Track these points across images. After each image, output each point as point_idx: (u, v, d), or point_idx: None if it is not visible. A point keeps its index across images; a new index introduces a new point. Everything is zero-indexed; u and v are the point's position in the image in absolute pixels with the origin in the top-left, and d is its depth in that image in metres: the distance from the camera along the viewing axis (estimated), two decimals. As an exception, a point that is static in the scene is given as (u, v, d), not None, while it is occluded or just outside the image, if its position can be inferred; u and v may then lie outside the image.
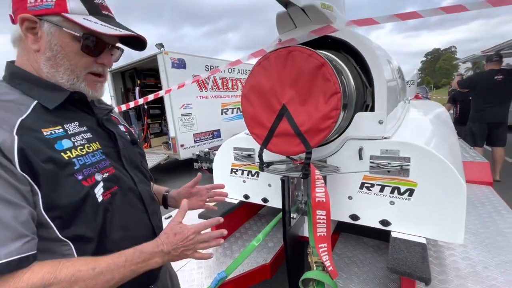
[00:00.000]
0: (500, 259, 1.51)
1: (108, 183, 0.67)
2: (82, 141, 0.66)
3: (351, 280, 1.46)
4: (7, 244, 0.49)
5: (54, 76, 0.65)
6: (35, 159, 0.55)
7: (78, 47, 0.65)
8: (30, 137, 0.57)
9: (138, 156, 0.84)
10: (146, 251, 0.64)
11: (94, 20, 0.64)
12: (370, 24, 1.36)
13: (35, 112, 0.61)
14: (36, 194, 0.56)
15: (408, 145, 1.31)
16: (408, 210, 1.35)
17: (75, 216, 0.61)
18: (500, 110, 3.86)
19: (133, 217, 0.74)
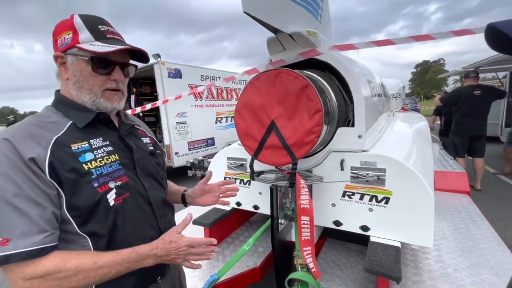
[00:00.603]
0: (469, 262, 1.66)
1: (121, 189, 0.79)
2: (103, 153, 0.79)
3: (333, 282, 1.58)
4: (32, 236, 0.62)
5: (80, 96, 0.79)
6: (61, 170, 0.69)
7: (90, 68, 0.77)
8: (60, 151, 0.71)
9: (155, 165, 0.95)
10: (141, 253, 0.75)
11: (97, 44, 0.76)
12: (350, 49, 1.53)
13: (69, 130, 0.76)
14: (61, 197, 0.69)
15: (383, 158, 1.46)
16: (384, 217, 1.49)
17: (90, 216, 0.73)
18: (479, 123, 4.11)
19: (142, 219, 0.85)
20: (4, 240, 0.60)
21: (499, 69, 7.21)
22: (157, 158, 1.00)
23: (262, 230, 1.69)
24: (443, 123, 5.66)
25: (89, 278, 0.68)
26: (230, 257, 1.88)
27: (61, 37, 0.76)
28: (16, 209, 0.62)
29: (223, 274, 1.50)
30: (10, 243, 0.61)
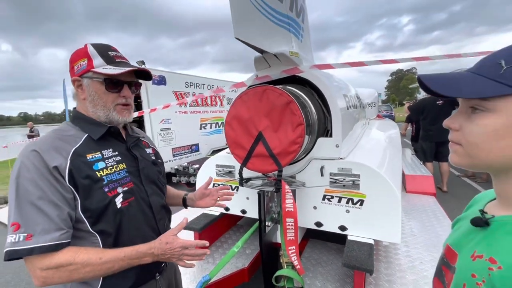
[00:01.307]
0: (433, 256, 1.88)
1: (127, 194, 0.90)
2: (112, 162, 0.90)
3: (316, 278, 1.73)
4: (51, 233, 0.74)
5: (96, 112, 0.91)
6: (77, 176, 0.80)
7: (104, 88, 0.89)
8: (78, 161, 0.82)
9: (156, 173, 1.06)
10: (141, 251, 0.84)
11: (109, 67, 0.88)
12: (328, 68, 1.72)
13: (85, 142, 0.88)
14: (77, 200, 0.80)
15: (358, 164, 1.65)
16: (360, 217, 1.67)
17: (101, 217, 0.84)
18: (443, 130, 4.50)
19: (143, 220, 0.95)
20: (29, 235, 0.72)
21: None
22: (158, 167, 1.11)
23: (250, 233, 1.82)
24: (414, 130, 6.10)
25: (95, 271, 0.78)
26: (220, 259, 1.98)
27: (78, 63, 0.88)
28: (39, 210, 0.73)
29: (215, 275, 1.61)
30: (33, 238, 0.72)
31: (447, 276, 0.56)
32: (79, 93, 0.91)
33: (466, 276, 0.47)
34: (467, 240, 0.54)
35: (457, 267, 0.53)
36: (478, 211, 0.54)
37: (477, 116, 0.47)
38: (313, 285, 1.67)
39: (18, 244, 0.71)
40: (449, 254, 0.58)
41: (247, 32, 1.32)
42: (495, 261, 0.43)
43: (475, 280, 0.45)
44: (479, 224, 0.51)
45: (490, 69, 0.46)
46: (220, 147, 7.24)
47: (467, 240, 0.54)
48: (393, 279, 1.66)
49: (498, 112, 0.44)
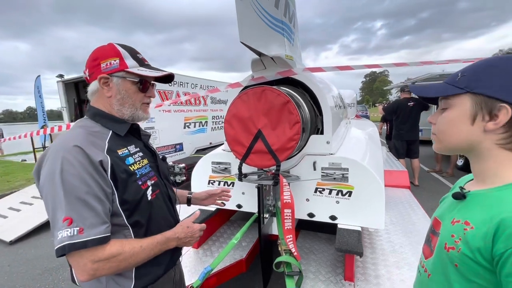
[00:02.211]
0: (410, 240, 2.11)
1: (154, 187, 0.97)
2: (138, 158, 0.95)
3: (310, 264, 1.88)
4: (98, 227, 0.77)
5: (121, 110, 0.94)
6: (117, 171, 0.85)
7: (136, 88, 0.95)
8: (113, 156, 0.86)
9: (167, 169, 1.15)
10: (168, 237, 0.94)
11: (143, 69, 0.94)
12: (319, 71, 1.87)
13: (112, 139, 0.91)
14: (114, 194, 0.84)
15: (347, 159, 1.81)
16: (348, 207, 1.83)
17: (136, 209, 0.89)
18: (413, 130, 4.96)
19: (167, 211, 1.04)
20: (80, 229, 0.74)
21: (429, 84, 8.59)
22: (167, 164, 1.20)
23: (248, 225, 1.92)
24: (388, 129, 6.53)
25: (137, 259, 0.84)
26: (217, 252, 2.07)
27: (107, 62, 0.90)
28: (86, 204, 0.76)
29: (216, 266, 1.69)
30: (84, 232, 0.74)
31: (433, 241, 0.70)
32: (104, 91, 0.92)
33: (447, 237, 0.62)
34: (449, 211, 0.69)
35: (440, 232, 0.68)
36: (458, 187, 0.70)
37: (444, 111, 0.65)
38: (307, 270, 1.81)
39: (74, 238, 0.72)
40: (435, 223, 0.73)
41: (250, 37, 1.43)
42: (469, 223, 0.58)
43: (454, 239, 0.59)
44: (458, 197, 0.66)
45: (452, 78, 0.64)
46: (204, 147, 7.23)
47: (449, 211, 0.69)
48: (377, 262, 1.85)
49: (454, 106, 0.61)
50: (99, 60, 0.91)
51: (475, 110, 0.58)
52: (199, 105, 7.24)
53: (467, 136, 0.60)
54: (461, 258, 0.57)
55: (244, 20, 1.35)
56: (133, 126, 0.99)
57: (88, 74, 0.93)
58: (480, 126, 0.58)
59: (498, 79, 0.55)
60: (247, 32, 1.40)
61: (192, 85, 6.98)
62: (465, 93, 0.59)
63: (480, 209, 0.58)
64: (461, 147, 0.63)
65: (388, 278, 1.68)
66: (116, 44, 0.94)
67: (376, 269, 1.78)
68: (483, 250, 0.53)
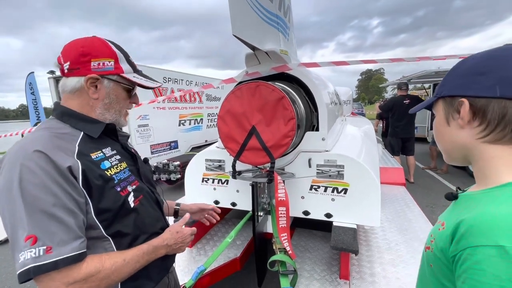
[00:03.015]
0: (406, 238, 2.10)
1: (136, 192, 0.88)
2: (115, 161, 0.86)
3: (305, 263, 1.85)
4: (70, 243, 0.67)
5: (103, 114, 0.86)
6: (91, 177, 0.75)
7: (126, 95, 0.90)
8: (85, 160, 0.76)
9: (149, 172, 1.06)
10: (156, 245, 0.87)
11: (137, 76, 0.90)
12: (314, 66, 1.83)
13: (83, 141, 0.81)
14: (88, 204, 0.74)
15: (342, 156, 1.78)
16: (344, 205, 1.81)
17: (115, 218, 0.80)
18: (408, 127, 4.97)
19: (154, 216, 0.97)
20: (48, 247, 0.63)
21: (425, 81, 8.64)
22: (149, 166, 1.11)
23: (243, 223, 1.88)
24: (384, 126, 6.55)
25: (122, 274, 0.76)
26: (211, 251, 2.04)
27: (99, 61, 0.82)
28: (54, 218, 0.66)
29: (209, 265, 1.66)
30: (53, 250, 0.64)
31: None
32: (90, 91, 0.83)
33: (429, 237, 0.61)
34: (445, 212, 0.67)
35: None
36: (456, 187, 0.68)
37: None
38: (302, 269, 1.78)
39: (40, 259, 0.62)
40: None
41: (243, 30, 1.38)
42: (444, 224, 0.56)
43: (430, 239, 0.59)
44: (449, 198, 0.64)
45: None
46: (200, 144, 7.17)
47: (446, 212, 0.67)
48: (373, 259, 1.84)
49: (436, 113, 0.65)
50: (90, 56, 0.81)
51: (446, 111, 0.61)
52: (194, 102, 7.17)
53: (449, 138, 0.61)
54: (433, 259, 0.56)
55: (236, 12, 1.30)
56: (108, 126, 0.88)
57: (69, 67, 0.81)
58: (455, 125, 0.59)
59: (458, 78, 0.57)
60: (239, 25, 1.35)
61: (187, 82, 6.91)
62: (438, 99, 0.63)
63: (460, 210, 0.56)
64: (455, 152, 0.63)
65: (383, 276, 1.67)
66: (109, 42, 0.86)
67: (372, 267, 1.76)
68: (445, 251, 0.51)
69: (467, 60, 0.58)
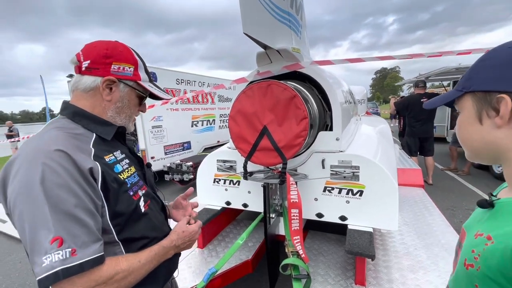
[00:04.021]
0: (425, 242, 2.00)
1: (145, 197, 0.88)
2: (125, 165, 0.84)
3: (318, 267, 1.80)
4: (91, 245, 0.65)
5: (114, 118, 0.86)
6: (108, 180, 0.74)
7: (138, 102, 0.92)
8: (102, 163, 0.74)
9: (152, 177, 1.04)
10: (166, 246, 0.86)
11: (153, 87, 0.93)
12: (327, 64, 1.77)
13: (96, 143, 0.79)
14: (104, 207, 0.73)
15: (357, 157, 1.72)
16: (359, 207, 1.74)
17: (127, 223, 0.79)
18: (427, 126, 4.77)
19: (161, 220, 0.96)
20: (73, 250, 0.62)
21: (444, 78, 8.29)
22: (151, 171, 1.09)
23: (254, 225, 1.86)
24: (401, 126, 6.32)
25: (137, 275, 0.75)
26: (222, 252, 2.02)
27: (121, 65, 0.83)
28: (76, 220, 0.64)
29: (220, 267, 1.64)
30: (77, 253, 0.62)
31: (458, 255, 0.61)
32: (104, 93, 0.82)
33: (468, 252, 0.53)
34: (475, 222, 0.60)
35: (464, 244, 0.59)
36: (488, 194, 0.61)
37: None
38: (316, 273, 1.73)
39: (68, 261, 0.61)
40: (461, 235, 0.64)
41: (254, 28, 1.35)
42: (491, 237, 0.48)
43: (473, 255, 0.50)
44: (484, 206, 0.57)
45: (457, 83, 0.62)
46: (212, 145, 7.22)
47: (475, 221, 0.60)
48: (390, 265, 1.76)
49: (461, 110, 0.59)
50: (113, 59, 0.82)
51: (477, 108, 0.54)
52: (207, 103, 7.23)
53: (481, 138, 0.55)
54: (480, 278, 0.48)
55: (247, 10, 1.27)
56: (119, 129, 0.88)
57: (88, 65, 0.80)
58: (489, 124, 0.52)
59: (493, 70, 0.51)
60: (250, 23, 1.33)
61: (200, 83, 6.97)
62: (464, 94, 0.57)
63: (506, 220, 0.49)
64: (484, 152, 0.57)
65: (402, 283, 1.59)
66: (133, 50, 0.89)
67: (389, 273, 1.68)
68: (504, 269, 0.43)
69: (503, 50, 0.51)
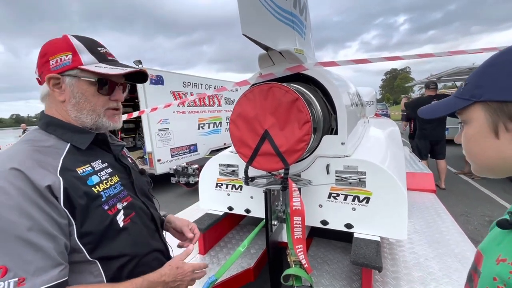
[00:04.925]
0: (437, 252, 1.89)
1: (127, 210, 0.81)
2: (105, 175, 0.79)
3: (322, 276, 1.72)
4: (48, 271, 0.60)
5: (80, 117, 0.78)
6: (74, 196, 0.68)
7: (95, 89, 0.77)
8: (70, 176, 0.70)
9: (146, 184, 0.98)
10: (152, 280, 0.77)
11: (103, 66, 0.77)
12: (332, 65, 1.71)
13: (69, 154, 0.74)
14: (72, 225, 0.68)
15: (364, 162, 1.64)
16: (366, 215, 1.66)
17: (101, 240, 0.73)
18: (438, 129, 4.61)
19: (148, 235, 0.88)
20: (20, 279, 0.57)
21: (457, 79, 8.03)
22: (146, 177, 1.03)
23: (256, 232, 1.80)
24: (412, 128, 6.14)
25: None
26: (224, 259, 1.97)
27: (56, 58, 0.74)
28: (29, 244, 0.59)
29: (221, 275, 1.59)
30: (26, 282, 0.57)
31: (475, 281, 0.54)
32: (55, 94, 0.76)
33: (489, 279, 0.46)
34: (494, 244, 0.52)
35: (482, 270, 0.51)
36: (507, 213, 0.53)
37: (463, 129, 0.57)
38: (320, 283, 1.66)
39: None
40: (477, 258, 0.56)
41: (254, 28, 1.31)
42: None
43: (496, 283, 0.44)
44: (505, 226, 0.49)
45: (458, 89, 0.56)
46: (218, 147, 7.20)
47: (494, 243, 0.52)
48: (399, 276, 1.66)
49: (469, 122, 0.53)
50: (48, 56, 0.74)
51: (492, 120, 0.48)
52: (213, 106, 7.24)
53: (497, 153, 0.50)
54: None
55: (246, 10, 1.23)
56: (98, 136, 0.81)
57: (38, 74, 0.76)
58: (507, 138, 0.47)
59: (504, 78, 0.46)
60: (250, 23, 1.28)
61: (206, 85, 6.99)
62: (473, 103, 0.51)
63: None
64: (500, 167, 0.50)
65: (412, 296, 1.50)
66: (71, 36, 0.77)
67: (398, 285, 1.59)
68: None
69: None
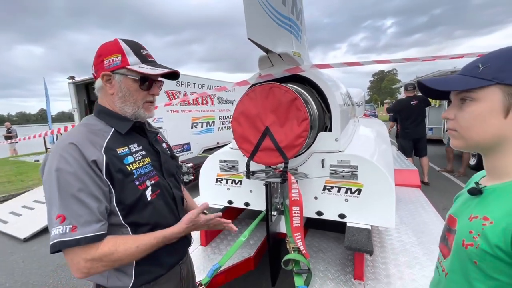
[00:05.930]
0: (421, 240, 2.07)
1: (154, 187, 0.96)
2: (139, 157, 0.95)
3: (318, 263, 1.86)
4: (93, 225, 0.77)
5: (123, 108, 0.94)
6: (113, 170, 0.85)
7: (137, 86, 0.93)
8: (111, 155, 0.86)
9: (175, 167, 1.12)
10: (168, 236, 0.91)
11: (145, 66, 0.92)
12: (326, 68, 1.85)
13: (113, 137, 0.91)
14: (111, 193, 0.85)
15: (356, 157, 1.78)
16: (357, 205, 1.80)
17: (132, 210, 0.89)
18: (418, 128, 4.92)
19: (169, 211, 1.02)
20: (74, 226, 0.74)
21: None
22: (176, 161, 1.18)
23: (256, 223, 1.91)
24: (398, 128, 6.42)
25: (133, 258, 0.85)
26: (225, 249, 2.07)
27: (109, 58, 0.90)
28: (81, 202, 0.76)
29: (224, 263, 1.69)
30: (78, 229, 0.75)
31: (450, 239, 0.68)
32: (107, 88, 0.92)
33: (465, 233, 0.60)
34: (464, 208, 0.67)
35: (457, 229, 0.66)
36: (474, 183, 0.68)
37: (466, 106, 0.61)
38: (316, 269, 1.79)
39: (66, 235, 0.73)
40: (450, 221, 0.71)
41: (258, 33, 1.42)
42: (488, 218, 0.56)
43: (472, 235, 0.58)
44: (474, 193, 0.64)
45: (471, 70, 0.61)
46: (212, 146, 7.26)
47: (464, 207, 0.67)
48: (388, 261, 1.82)
49: (481, 100, 0.58)
50: (103, 57, 0.91)
51: (508, 101, 0.54)
52: (206, 105, 7.28)
53: (498, 131, 0.57)
54: (480, 255, 0.55)
55: (251, 17, 1.34)
56: (136, 124, 0.98)
57: (94, 71, 0.94)
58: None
59: None
60: (254, 28, 1.39)
61: (200, 85, 7.03)
62: (494, 84, 0.55)
63: (498, 203, 0.56)
64: (487, 143, 0.60)
65: (399, 278, 1.65)
66: (120, 40, 0.93)
67: (387, 268, 1.75)
68: (503, 245, 0.51)
69: None
